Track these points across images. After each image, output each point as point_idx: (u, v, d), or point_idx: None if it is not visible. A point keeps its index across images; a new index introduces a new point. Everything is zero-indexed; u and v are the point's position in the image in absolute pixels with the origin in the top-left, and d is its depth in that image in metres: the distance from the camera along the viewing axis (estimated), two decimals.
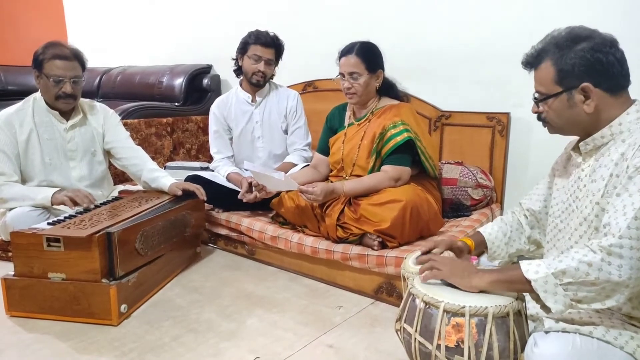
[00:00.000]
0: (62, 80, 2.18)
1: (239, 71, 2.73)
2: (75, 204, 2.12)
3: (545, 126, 1.29)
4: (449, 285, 1.29)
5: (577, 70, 1.16)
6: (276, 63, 2.69)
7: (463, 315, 1.17)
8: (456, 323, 1.18)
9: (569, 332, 1.10)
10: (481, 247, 1.48)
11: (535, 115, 1.28)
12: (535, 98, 1.27)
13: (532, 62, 1.25)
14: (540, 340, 1.10)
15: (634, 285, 1.03)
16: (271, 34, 2.64)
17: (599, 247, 1.05)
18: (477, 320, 1.17)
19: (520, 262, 1.15)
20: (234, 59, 2.72)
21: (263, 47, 2.59)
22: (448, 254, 1.47)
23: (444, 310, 1.19)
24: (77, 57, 2.23)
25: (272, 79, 2.76)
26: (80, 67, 2.25)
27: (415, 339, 1.25)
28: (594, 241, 1.07)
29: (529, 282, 1.10)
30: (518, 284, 1.14)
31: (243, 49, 2.64)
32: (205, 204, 2.65)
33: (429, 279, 1.30)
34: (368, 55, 2.18)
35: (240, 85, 2.77)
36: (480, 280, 1.22)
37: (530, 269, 1.11)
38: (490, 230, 1.49)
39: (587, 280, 1.05)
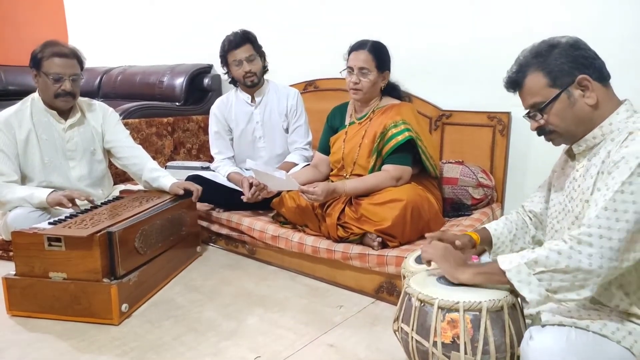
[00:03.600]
0: (62, 78, 2.18)
1: (233, 81, 2.73)
2: (72, 201, 2.11)
3: (549, 139, 1.27)
4: (446, 284, 1.30)
5: (567, 67, 1.18)
6: (260, 54, 2.66)
7: (457, 310, 1.18)
8: (451, 319, 1.19)
9: (565, 326, 1.11)
10: (486, 242, 1.48)
11: (536, 131, 1.27)
12: (532, 113, 1.25)
13: (516, 80, 1.26)
14: (535, 334, 1.12)
15: (607, 274, 1.06)
16: (239, 31, 2.61)
17: (569, 237, 1.09)
18: (471, 316, 1.18)
19: (498, 256, 1.20)
20: (225, 73, 2.72)
21: (236, 49, 2.57)
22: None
23: (439, 307, 1.20)
24: (75, 56, 2.24)
25: (266, 71, 2.73)
26: (79, 66, 2.26)
27: (412, 337, 1.26)
28: (566, 232, 1.10)
29: (504, 272, 1.14)
30: (496, 275, 1.19)
31: (224, 60, 2.64)
32: (206, 204, 2.66)
33: (426, 259, 1.37)
34: (379, 53, 2.19)
35: (238, 83, 2.76)
36: (462, 273, 1.26)
37: (505, 260, 1.17)
38: (496, 227, 1.49)
39: (558, 268, 1.08)
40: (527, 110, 1.27)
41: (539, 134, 1.27)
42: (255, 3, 3.50)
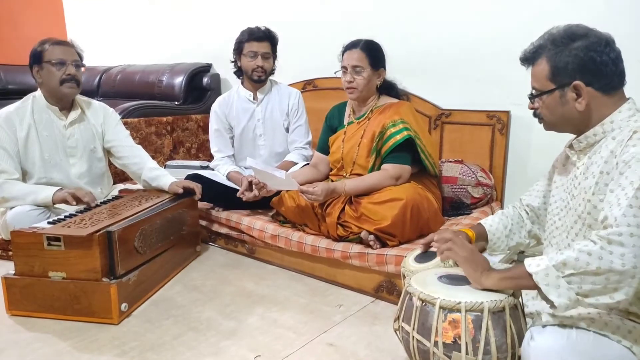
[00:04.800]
0: (65, 62, 2.21)
1: (239, 72, 2.74)
2: (77, 199, 2.13)
3: (540, 122, 1.31)
4: (447, 283, 1.30)
5: (570, 68, 1.17)
6: (274, 56, 2.69)
7: (459, 311, 1.18)
8: (452, 319, 1.19)
9: (565, 326, 1.11)
10: (482, 238, 1.49)
11: (532, 111, 1.30)
12: (530, 94, 1.28)
13: (529, 58, 1.27)
14: (536, 334, 1.12)
15: None
16: (263, 27, 2.64)
17: (597, 237, 1.05)
18: (473, 316, 1.18)
19: (525, 259, 1.16)
20: (232, 61, 2.73)
21: (257, 42, 2.61)
22: None
23: (440, 307, 1.20)
24: (73, 46, 2.29)
25: (272, 74, 2.75)
26: (78, 56, 2.29)
27: (413, 337, 1.26)
28: (592, 232, 1.08)
29: (531, 276, 1.11)
30: (523, 280, 1.14)
31: (239, 48, 2.66)
32: (206, 203, 2.66)
33: (446, 259, 1.35)
34: (372, 51, 2.19)
35: (242, 84, 2.77)
36: (487, 278, 1.23)
37: (532, 262, 1.12)
38: (492, 222, 1.50)
39: (589, 270, 1.04)
40: (531, 90, 1.29)
41: (533, 115, 1.30)
42: (255, 2, 3.49)
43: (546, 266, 1.08)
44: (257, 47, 2.61)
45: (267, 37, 2.63)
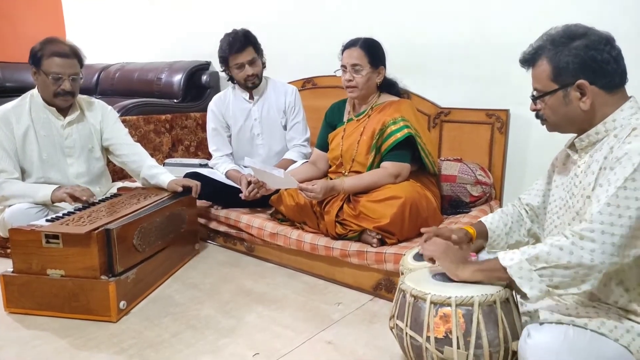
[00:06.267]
0: (61, 77, 2.17)
1: (232, 79, 2.71)
2: (75, 199, 2.13)
3: (543, 124, 1.31)
4: (441, 280, 1.30)
5: (572, 67, 1.17)
6: (260, 56, 2.65)
7: (449, 305, 1.19)
8: (443, 314, 1.20)
9: (563, 324, 1.11)
10: (482, 235, 1.49)
11: (534, 113, 1.30)
12: (532, 96, 1.28)
13: (529, 59, 1.26)
14: (533, 332, 1.12)
15: (608, 270, 1.07)
16: (240, 32, 2.57)
17: (570, 232, 1.09)
18: (464, 310, 1.18)
19: (499, 252, 1.19)
20: (222, 70, 2.70)
21: (239, 53, 2.55)
22: None
23: (431, 302, 1.21)
24: (75, 55, 2.22)
25: (264, 67, 2.71)
26: (79, 65, 2.24)
27: (406, 333, 1.26)
28: (567, 227, 1.11)
29: (505, 269, 1.14)
30: (497, 272, 1.19)
31: (224, 63, 2.61)
32: (205, 201, 2.65)
33: (427, 257, 1.37)
34: (372, 49, 2.19)
35: (238, 84, 2.75)
36: (463, 270, 1.26)
37: (506, 256, 1.16)
38: (492, 220, 1.50)
39: (560, 264, 1.08)
40: (533, 91, 1.29)
41: (536, 117, 1.30)
42: (254, 0, 3.49)
43: (519, 260, 1.13)
44: (242, 57, 2.55)
45: (247, 43, 2.56)
